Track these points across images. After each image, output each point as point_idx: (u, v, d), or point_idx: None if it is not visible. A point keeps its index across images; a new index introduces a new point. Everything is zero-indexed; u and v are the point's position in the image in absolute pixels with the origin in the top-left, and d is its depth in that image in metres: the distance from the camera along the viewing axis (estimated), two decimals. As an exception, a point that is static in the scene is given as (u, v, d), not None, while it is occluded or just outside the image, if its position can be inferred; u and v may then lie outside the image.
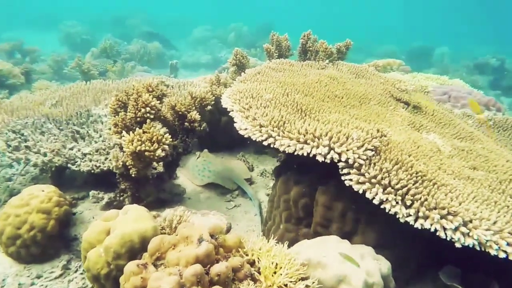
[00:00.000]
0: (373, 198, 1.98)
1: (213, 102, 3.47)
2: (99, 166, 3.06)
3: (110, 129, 2.69)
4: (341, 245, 2.00)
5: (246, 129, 2.44)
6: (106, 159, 3.14)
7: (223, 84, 4.19)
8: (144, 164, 2.63)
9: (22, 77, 6.77)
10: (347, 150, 2.09)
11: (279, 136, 2.27)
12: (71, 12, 20.01)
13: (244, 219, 3.23)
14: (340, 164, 2.12)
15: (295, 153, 2.19)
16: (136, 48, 10.86)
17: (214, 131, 4.24)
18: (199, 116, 3.10)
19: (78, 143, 3.53)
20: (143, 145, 2.43)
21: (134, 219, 2.12)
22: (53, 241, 2.78)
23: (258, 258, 1.79)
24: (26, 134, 3.46)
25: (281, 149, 2.23)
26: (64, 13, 19.63)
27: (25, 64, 7.55)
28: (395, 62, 6.08)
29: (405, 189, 1.94)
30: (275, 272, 1.72)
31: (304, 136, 2.19)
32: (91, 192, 3.04)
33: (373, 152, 2.14)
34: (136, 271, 1.64)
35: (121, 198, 3.04)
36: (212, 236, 1.77)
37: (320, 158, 2.12)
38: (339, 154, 2.09)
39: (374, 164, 2.09)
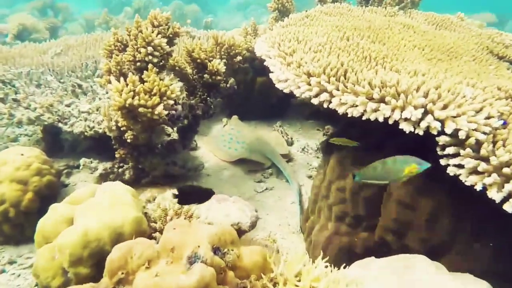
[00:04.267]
0: (504, 201, 1.12)
1: (245, 53, 2.67)
2: (93, 127, 2.38)
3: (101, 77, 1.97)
4: (436, 275, 1.18)
5: (287, 80, 1.63)
6: (104, 119, 2.46)
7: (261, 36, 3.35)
8: (143, 126, 1.90)
9: (46, 32, 6.26)
10: (457, 116, 1.23)
11: (338, 90, 1.44)
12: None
13: (277, 208, 2.46)
14: (441, 139, 1.27)
15: (364, 118, 1.36)
16: (172, 9, 10.11)
17: (247, 94, 3.46)
18: (224, 68, 2.31)
19: (79, 99, 2.87)
20: (137, 97, 1.68)
21: (109, 205, 1.40)
22: (32, 219, 2.15)
23: (296, 294, 1.01)
24: (18, 86, 2.85)
25: (341, 110, 1.41)
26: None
27: (50, 19, 7.06)
28: (473, 23, 4.90)
29: None
30: (325, 325, 0.94)
31: (380, 90, 1.35)
32: (82, 160, 2.37)
33: (500, 122, 1.26)
34: (77, 306, 0.92)
35: (120, 169, 2.36)
36: (216, 250, 1.02)
37: (407, 127, 1.27)
38: (442, 122, 1.24)
39: (503, 142, 1.21)
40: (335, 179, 1.72)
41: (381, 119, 1.31)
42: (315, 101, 1.50)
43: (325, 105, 1.49)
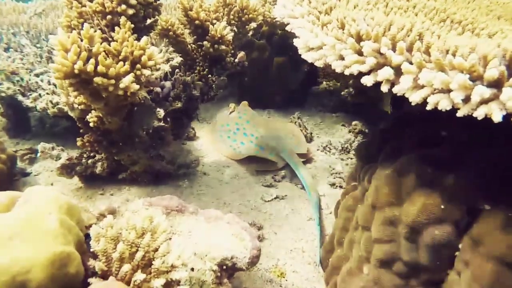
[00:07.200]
0: None
1: (260, 20, 2.08)
2: (57, 103, 1.84)
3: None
4: None
5: (321, 46, 1.04)
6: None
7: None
8: (109, 105, 1.33)
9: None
10: None
11: (410, 64, 0.85)
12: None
13: (289, 225, 1.88)
14: None
15: (461, 113, 0.76)
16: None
17: (262, 76, 2.88)
18: (232, 35, 1.73)
19: (55, 68, 2.33)
20: (92, 60, 1.12)
21: (13, 230, 0.86)
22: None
23: None
24: (-21, 47, 2.33)
25: (415, 98, 0.82)
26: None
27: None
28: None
29: None
30: None
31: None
32: (40, 145, 1.83)
33: None
34: None
35: (89, 161, 1.81)
36: None
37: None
38: None
39: None
40: (384, 204, 1.13)
41: (497, 118, 0.71)
42: (368, 80, 0.91)
43: (384, 88, 0.90)
